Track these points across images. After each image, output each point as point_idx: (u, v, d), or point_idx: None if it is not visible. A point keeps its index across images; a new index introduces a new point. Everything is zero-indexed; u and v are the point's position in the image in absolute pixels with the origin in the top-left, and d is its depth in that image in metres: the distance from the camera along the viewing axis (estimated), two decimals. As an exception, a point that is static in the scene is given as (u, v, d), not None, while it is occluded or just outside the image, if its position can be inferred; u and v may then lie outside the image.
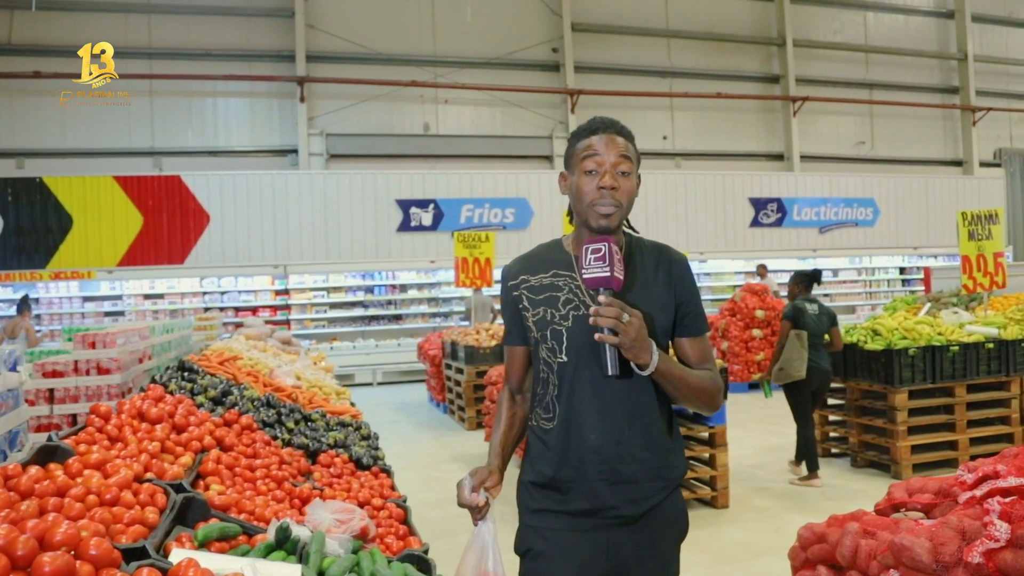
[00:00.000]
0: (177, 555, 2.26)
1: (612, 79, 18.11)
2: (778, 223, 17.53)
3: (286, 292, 15.27)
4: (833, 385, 7.49)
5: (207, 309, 14.45)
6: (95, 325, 13.35)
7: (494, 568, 2.01)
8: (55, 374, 5.31)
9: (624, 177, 1.98)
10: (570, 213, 2.14)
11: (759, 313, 11.95)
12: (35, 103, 15.05)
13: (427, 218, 15.87)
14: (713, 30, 18.94)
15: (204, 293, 14.92)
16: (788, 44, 19.13)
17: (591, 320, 1.82)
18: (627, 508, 1.99)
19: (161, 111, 15.83)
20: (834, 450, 7.63)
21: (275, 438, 4.22)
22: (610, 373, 1.86)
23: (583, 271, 1.85)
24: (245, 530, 2.78)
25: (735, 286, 15.95)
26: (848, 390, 7.30)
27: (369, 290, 15.83)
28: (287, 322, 15.05)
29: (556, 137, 17.70)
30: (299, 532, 2.75)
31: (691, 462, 6.15)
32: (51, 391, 5.27)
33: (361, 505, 3.51)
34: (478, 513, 2.03)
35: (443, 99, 17.45)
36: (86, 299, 14.37)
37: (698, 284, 10.29)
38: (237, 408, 4.43)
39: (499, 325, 11.01)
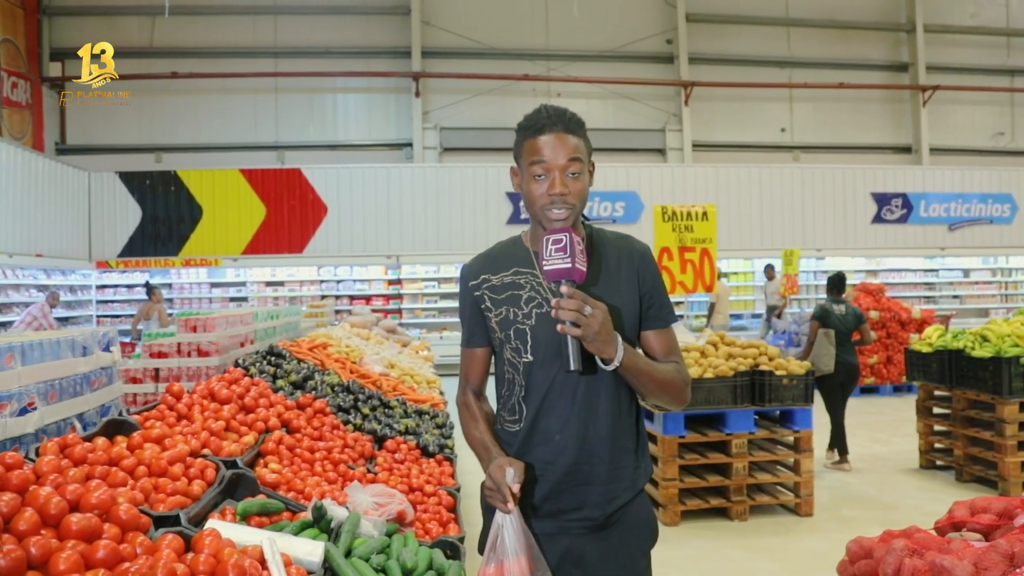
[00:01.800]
0: (210, 524, 2.45)
1: (728, 70, 17.67)
2: (903, 220, 16.64)
3: (399, 282, 15.76)
4: (938, 393, 7.15)
5: (323, 297, 15.12)
6: (220, 309, 14.20)
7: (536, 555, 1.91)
8: (160, 355, 5.72)
9: (575, 179, 1.90)
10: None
11: (873, 314, 11.43)
12: (172, 102, 16.16)
13: (536, 211, 15.96)
14: (836, 17, 18.15)
15: (321, 281, 15.60)
16: (918, 29, 18.10)
17: (552, 312, 1.74)
18: (592, 511, 1.96)
19: (285, 107, 16.64)
20: (938, 462, 7.22)
21: (346, 423, 4.42)
22: (572, 368, 1.77)
23: (544, 263, 1.77)
24: (289, 507, 2.95)
25: (853, 285, 15.27)
26: (954, 399, 6.90)
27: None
28: (399, 311, 15.54)
29: (669, 130, 17.47)
30: (336, 512, 2.91)
31: (776, 467, 6.01)
32: (156, 370, 5.67)
33: (412, 491, 3.65)
34: (512, 502, 1.83)
35: (555, 92, 17.51)
36: (213, 285, 15.32)
37: (816, 282, 9.95)
38: (314, 393, 4.67)
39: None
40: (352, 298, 15.44)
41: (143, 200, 14.78)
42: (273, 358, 5.29)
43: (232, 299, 15.25)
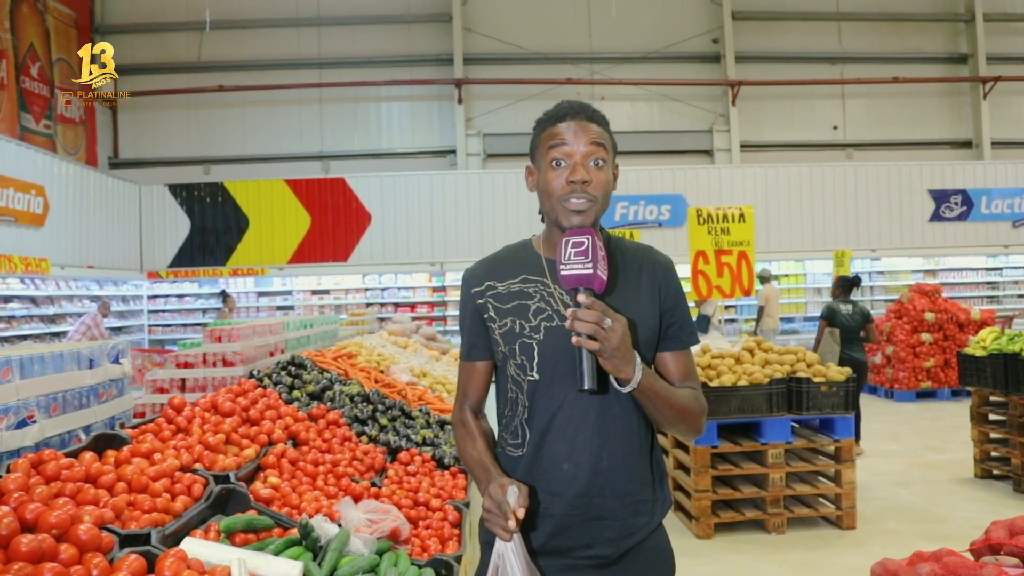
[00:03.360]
0: (185, 543, 2.37)
1: (776, 68, 17.26)
2: (962, 217, 15.99)
3: (443, 289, 15.74)
4: (994, 399, 6.83)
5: (368, 305, 15.16)
6: (267, 318, 14.35)
7: None
8: (187, 365, 5.73)
9: (598, 168, 1.72)
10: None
11: (929, 316, 10.99)
12: (220, 114, 16.45)
13: (580, 216, 15.79)
14: (889, 9, 17.58)
15: (366, 289, 15.67)
16: (978, 19, 17.41)
17: (567, 323, 1.56)
18: (603, 548, 1.76)
19: (329, 116, 16.79)
20: (995, 472, 6.82)
21: (361, 434, 4.34)
22: (586, 387, 1.59)
23: (561, 267, 1.60)
24: (280, 523, 2.86)
25: (908, 286, 14.75)
26: (1010, 405, 6.52)
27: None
28: (443, 318, 15.51)
29: (717, 130, 17.14)
30: (326, 530, 2.81)
31: (818, 477, 5.75)
32: (183, 381, 5.67)
33: (417, 505, 3.54)
34: (514, 524, 1.61)
35: (600, 95, 17.32)
36: (260, 294, 15.51)
37: (871, 283, 9.80)
38: (331, 404, 4.60)
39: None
40: (397, 306, 15.47)
41: (192, 211, 15.05)
42: (294, 368, 5.25)
43: (279, 308, 15.41)
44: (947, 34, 17.99)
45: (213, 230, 15.05)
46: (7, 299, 11.02)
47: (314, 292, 15.69)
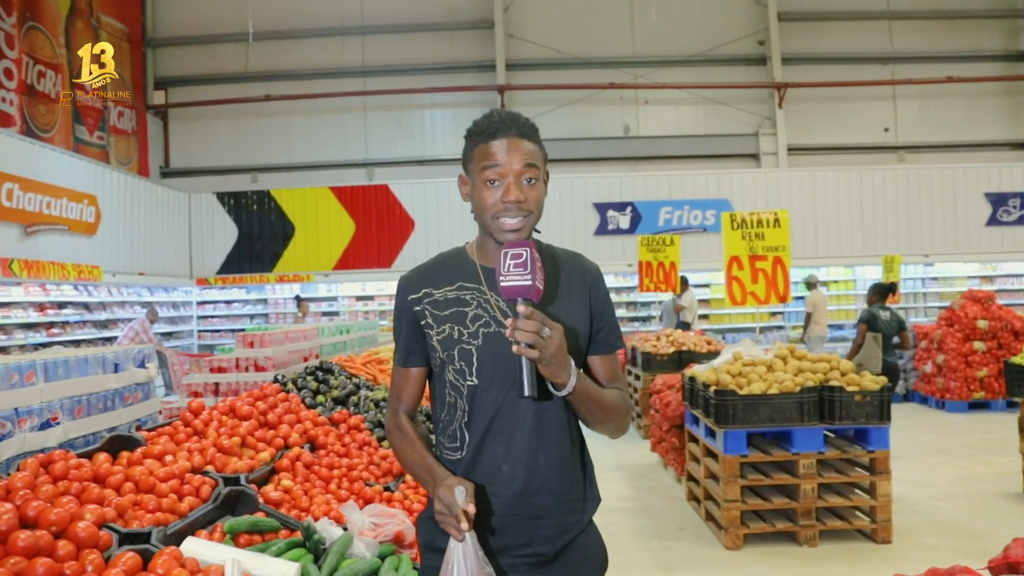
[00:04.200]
0: (187, 543, 2.41)
1: (824, 69, 16.94)
2: (1021, 221, 15.47)
3: (486, 294, 15.74)
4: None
5: (412, 311, 15.25)
6: (313, 324, 14.58)
7: None
8: (220, 370, 5.85)
9: (531, 186, 1.78)
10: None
11: (981, 323, 10.64)
12: (267, 123, 16.79)
13: (624, 221, 15.71)
14: (942, 7, 17.09)
15: (410, 295, 15.74)
16: (1037, 15, 16.89)
17: (508, 333, 1.62)
18: (540, 546, 1.81)
19: (374, 124, 17.02)
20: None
21: (382, 439, 4.36)
22: (527, 394, 1.64)
23: (501, 279, 1.64)
24: (287, 525, 2.90)
25: (960, 292, 14.33)
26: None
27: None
28: (487, 323, 15.53)
29: (763, 134, 16.89)
30: (330, 532, 2.83)
31: (853, 489, 5.59)
32: (216, 385, 5.78)
33: (429, 510, 3.54)
34: (466, 524, 1.64)
35: (643, 100, 17.24)
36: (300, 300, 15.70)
37: (924, 289, 9.67)
38: (354, 409, 4.64)
39: (681, 331, 10.66)
40: (441, 311, 15.52)
41: (239, 219, 15.36)
42: (321, 373, 5.30)
43: (324, 313, 15.62)
44: (1004, 31, 17.45)
45: (260, 237, 15.34)
46: (61, 305, 11.37)
47: (358, 298, 15.87)
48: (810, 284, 12.45)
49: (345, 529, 2.89)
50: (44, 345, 10.24)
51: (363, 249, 15.41)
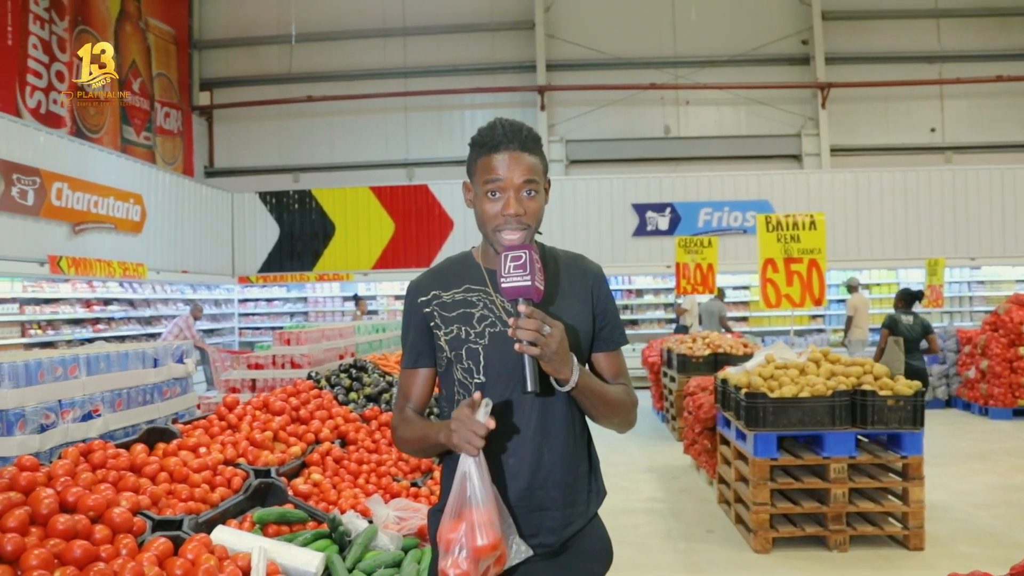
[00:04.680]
0: (216, 531, 2.50)
1: (869, 69, 16.67)
2: (1073, 223, 15.08)
3: (523, 294, 15.80)
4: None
5: (450, 309, 15.38)
6: (357, 323, 14.78)
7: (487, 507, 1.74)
8: (257, 366, 5.98)
9: (530, 198, 1.85)
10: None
11: (1028, 328, 10.41)
12: (308, 124, 17.07)
13: (663, 222, 15.64)
14: (993, 4, 16.68)
15: (448, 294, 15.87)
16: (1092, 12, 16.43)
17: (510, 332, 1.69)
18: (547, 537, 1.87)
19: (414, 124, 17.20)
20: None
21: (412, 435, 4.43)
22: (530, 389, 1.72)
23: (502, 280, 1.72)
24: (315, 517, 2.98)
25: (1007, 296, 14.01)
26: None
27: (605, 294, 15.90)
28: (523, 323, 15.59)
29: (805, 135, 16.68)
30: (356, 525, 2.91)
31: (886, 495, 5.53)
32: (253, 381, 5.91)
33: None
34: (481, 440, 1.67)
35: (684, 100, 17.15)
36: (345, 299, 15.94)
37: (969, 293, 9.60)
38: (386, 406, 4.72)
39: (720, 333, 10.60)
40: (478, 311, 15.62)
41: (281, 218, 15.63)
42: (355, 371, 5.40)
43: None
44: (1057, 29, 17.02)
45: (301, 236, 15.60)
46: (107, 301, 11.69)
47: (397, 297, 16.02)
48: (851, 287, 12.28)
49: (370, 522, 2.97)
50: (90, 340, 10.54)
51: (402, 249, 15.57)
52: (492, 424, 1.68)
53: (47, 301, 10.45)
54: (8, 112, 10.54)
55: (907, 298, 8.74)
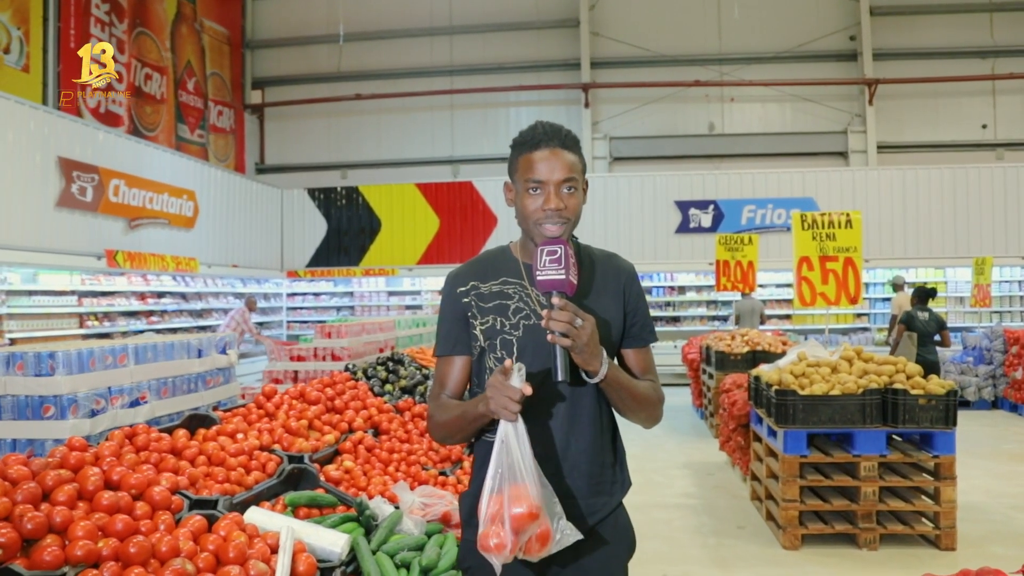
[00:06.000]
0: (250, 511, 2.67)
1: (918, 64, 16.36)
2: None
3: (568, 290, 15.90)
4: None
5: (493, 305, 15.55)
6: (397, 317, 15.04)
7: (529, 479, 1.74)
8: (299, 359, 6.20)
9: (570, 195, 1.91)
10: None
11: (1078, 329, 10.20)
12: (356, 121, 17.39)
13: (706, 219, 15.58)
14: (1049, -2, 16.32)
15: (491, 290, 16.04)
16: None
17: (543, 323, 1.76)
18: (573, 524, 1.87)
19: (460, 122, 17.40)
20: None
21: (444, 426, 4.59)
22: (560, 379, 1.80)
23: (537, 273, 1.78)
24: (344, 502, 3.13)
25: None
26: None
27: (647, 291, 15.91)
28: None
29: (852, 131, 16.47)
30: (382, 509, 3.06)
31: (919, 494, 5.52)
32: (296, 372, 6.13)
33: (480, 494, 3.74)
34: (518, 405, 1.71)
35: (729, 97, 17.04)
36: (391, 294, 16.24)
37: (1019, 293, 9.79)
38: (419, 398, 4.89)
39: (759, 331, 10.57)
40: (522, 306, 15.76)
41: (328, 214, 15.97)
42: (392, 363, 5.58)
43: (408, 307, 16.04)
44: (1117, 23, 16.51)
45: (348, 232, 15.92)
46: (160, 295, 12.09)
47: (439, 292, 16.23)
48: (896, 285, 12.14)
49: (397, 508, 3.12)
50: (143, 332, 10.93)
51: (446, 244, 15.78)
52: (528, 390, 1.71)
53: (104, 294, 10.86)
54: (70, 112, 10.97)
55: (922, 296, 9.37)
